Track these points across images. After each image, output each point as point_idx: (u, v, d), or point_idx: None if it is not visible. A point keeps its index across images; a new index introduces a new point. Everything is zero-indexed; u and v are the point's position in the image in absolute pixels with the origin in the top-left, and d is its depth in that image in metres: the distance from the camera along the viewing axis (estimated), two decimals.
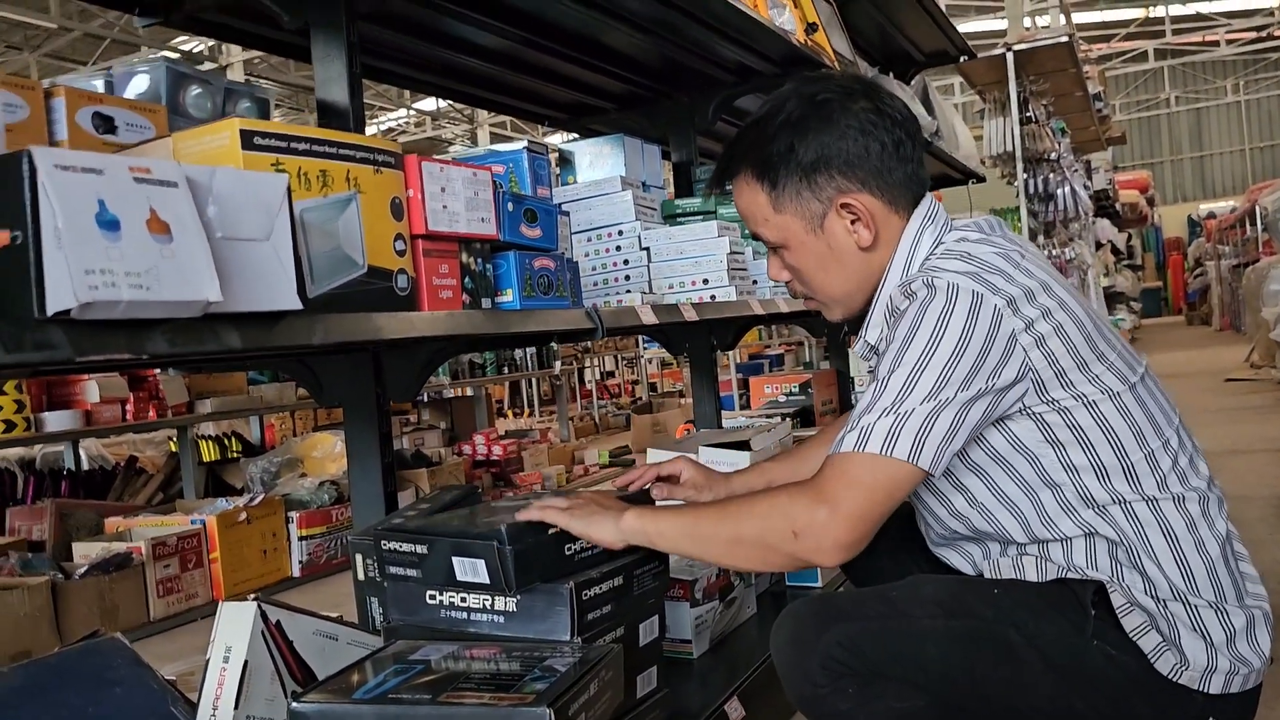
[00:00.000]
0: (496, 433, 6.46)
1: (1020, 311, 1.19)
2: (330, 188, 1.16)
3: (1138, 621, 1.19)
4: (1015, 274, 1.22)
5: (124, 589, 3.41)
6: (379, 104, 18.55)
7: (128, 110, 1.36)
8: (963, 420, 1.17)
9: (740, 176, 1.38)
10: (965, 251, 1.26)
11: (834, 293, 1.38)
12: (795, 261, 1.37)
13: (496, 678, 1.17)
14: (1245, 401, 6.98)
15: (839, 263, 1.35)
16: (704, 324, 2.78)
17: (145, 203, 0.83)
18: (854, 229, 1.33)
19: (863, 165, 1.30)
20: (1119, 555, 1.22)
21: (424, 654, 1.28)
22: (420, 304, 1.31)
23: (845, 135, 1.30)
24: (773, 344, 9.60)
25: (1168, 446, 1.25)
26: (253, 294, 0.95)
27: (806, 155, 1.31)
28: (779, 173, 1.33)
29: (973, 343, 1.16)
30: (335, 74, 1.65)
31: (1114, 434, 1.22)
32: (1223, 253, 15.26)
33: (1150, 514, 1.22)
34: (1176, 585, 1.20)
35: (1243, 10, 20.93)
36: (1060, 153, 7.01)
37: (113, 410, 4.54)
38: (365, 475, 1.73)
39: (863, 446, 1.16)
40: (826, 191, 1.32)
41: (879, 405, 1.17)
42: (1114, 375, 1.23)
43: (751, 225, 1.40)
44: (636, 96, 2.83)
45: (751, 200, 1.37)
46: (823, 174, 1.31)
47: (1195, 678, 1.18)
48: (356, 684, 1.20)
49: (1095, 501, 1.22)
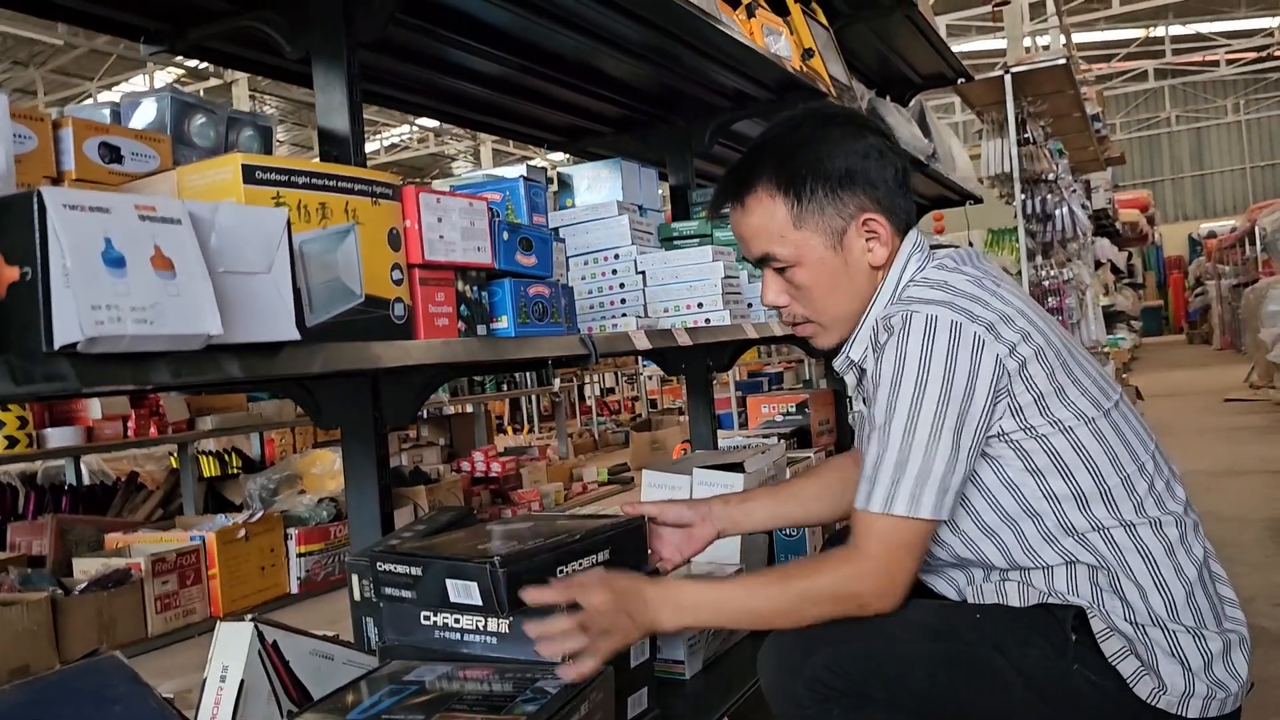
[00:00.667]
0: (495, 449, 6.48)
1: (1001, 336, 1.22)
2: (329, 219, 1.20)
3: (1117, 646, 1.21)
4: (991, 300, 1.26)
5: (123, 605, 3.44)
6: (382, 119, 18.64)
7: (134, 140, 1.40)
8: (965, 457, 1.22)
9: (758, 190, 1.35)
10: (941, 280, 1.30)
11: (839, 312, 1.38)
12: (806, 280, 1.36)
13: (489, 698, 1.20)
14: (1244, 421, 7.00)
15: (850, 281, 1.36)
16: (700, 346, 2.81)
17: (150, 240, 0.86)
18: (870, 247, 1.35)
19: (882, 186, 1.34)
20: (1099, 580, 1.24)
21: (418, 674, 1.31)
22: (417, 332, 1.34)
23: (869, 155, 1.33)
24: (772, 362, 9.63)
25: (1143, 471, 1.27)
26: (253, 326, 0.98)
27: (836, 168, 1.32)
28: (805, 185, 1.32)
29: (958, 375, 1.19)
30: (336, 103, 1.68)
31: (1091, 460, 1.24)
32: (1223, 272, 15.29)
33: (1128, 539, 1.24)
34: (1155, 611, 1.22)
35: (1243, 31, 21.03)
36: (1058, 173, 7.05)
37: (114, 427, 4.58)
38: (362, 497, 1.76)
39: (890, 507, 1.21)
40: (850, 208, 1.33)
41: (890, 459, 1.21)
42: (1088, 400, 1.26)
43: (761, 244, 1.37)
44: (633, 120, 2.87)
45: (768, 215, 1.35)
46: (849, 189, 1.33)
47: (1173, 702, 1.20)
48: (351, 704, 1.22)
49: (1075, 529, 1.25)
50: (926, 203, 5.11)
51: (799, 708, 1.25)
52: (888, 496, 1.21)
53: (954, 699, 1.24)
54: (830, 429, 3.99)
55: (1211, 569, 1.29)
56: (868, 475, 1.24)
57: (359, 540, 1.77)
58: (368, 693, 1.26)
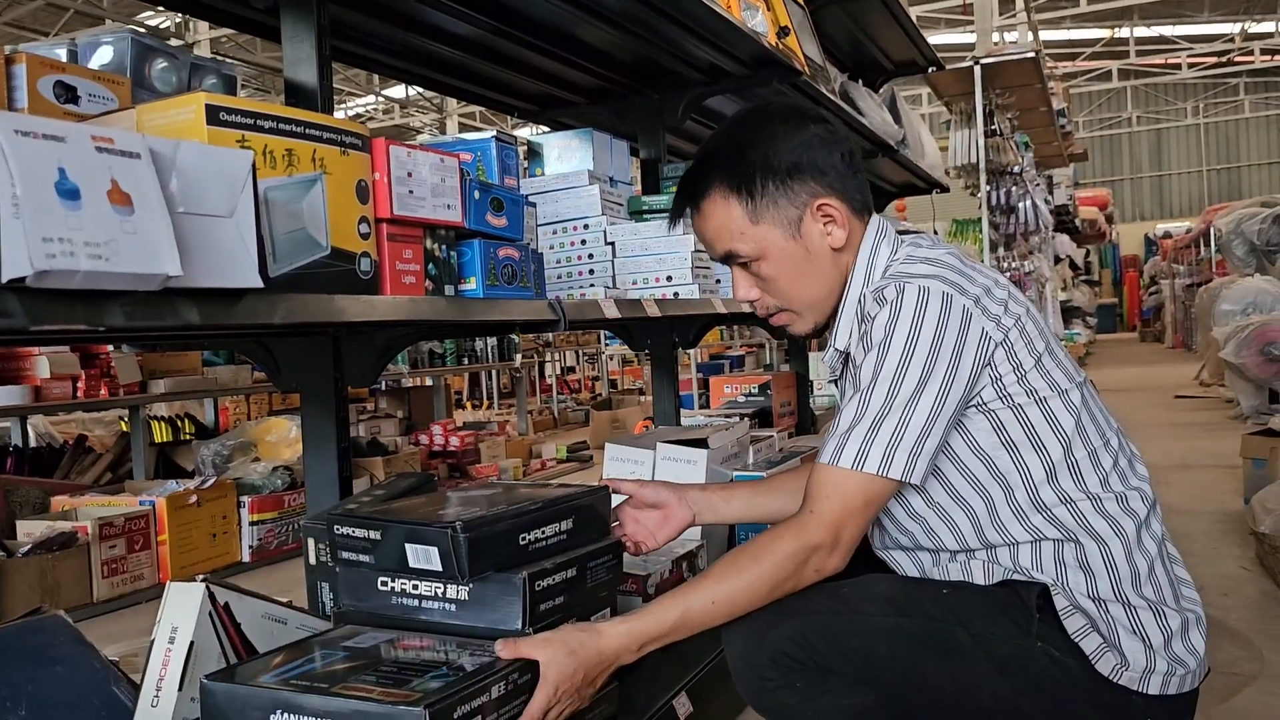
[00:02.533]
0: (454, 424, 6.43)
1: (988, 310, 1.25)
2: (296, 167, 1.16)
3: (1079, 624, 1.22)
4: (976, 275, 1.29)
5: (67, 569, 3.36)
6: (348, 89, 18.37)
7: (91, 81, 1.34)
8: (942, 423, 1.23)
9: (712, 195, 1.39)
10: (927, 257, 1.33)
11: (809, 298, 1.40)
12: (771, 271, 1.39)
13: (402, 671, 1.15)
14: (1194, 418, 7.12)
15: (815, 266, 1.38)
16: (666, 321, 2.79)
17: (107, 173, 0.82)
18: (828, 230, 1.37)
19: (830, 170, 1.37)
20: (1065, 555, 1.25)
21: (358, 641, 1.28)
22: (383, 288, 1.30)
23: (811, 144, 1.37)
24: (734, 345, 9.64)
25: (1108, 446, 1.31)
26: (213, 270, 0.94)
27: (782, 162, 1.35)
28: (755, 182, 1.36)
29: (945, 343, 1.21)
30: (304, 55, 1.64)
31: (1062, 431, 1.26)
32: (1177, 272, 15.55)
33: (1095, 511, 1.26)
34: (1120, 584, 1.24)
35: (1205, 35, 21.34)
36: (1023, 166, 7.11)
37: (63, 387, 4.46)
38: (320, 460, 1.72)
39: (860, 465, 1.22)
40: (802, 196, 1.36)
41: (868, 418, 1.22)
42: (1061, 373, 1.29)
43: (724, 244, 1.40)
44: (607, 91, 2.83)
45: (725, 216, 1.38)
46: (798, 179, 1.36)
47: (1135, 679, 1.21)
48: (274, 666, 1.19)
49: (1044, 504, 1.26)
50: (894, 189, 5.13)
51: (762, 680, 1.25)
52: (859, 453, 1.22)
53: (918, 674, 1.24)
54: (792, 411, 3.99)
55: (1168, 550, 1.31)
56: (839, 433, 1.24)
57: (315, 505, 1.73)
58: (296, 656, 1.23)
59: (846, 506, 1.23)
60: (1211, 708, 2.10)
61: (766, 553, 1.25)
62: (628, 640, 1.26)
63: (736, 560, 1.27)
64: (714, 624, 1.28)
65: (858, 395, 1.24)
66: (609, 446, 2.24)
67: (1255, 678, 2.26)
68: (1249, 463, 4.01)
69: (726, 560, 1.29)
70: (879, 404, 1.22)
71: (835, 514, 1.23)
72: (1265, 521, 3.11)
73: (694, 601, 1.26)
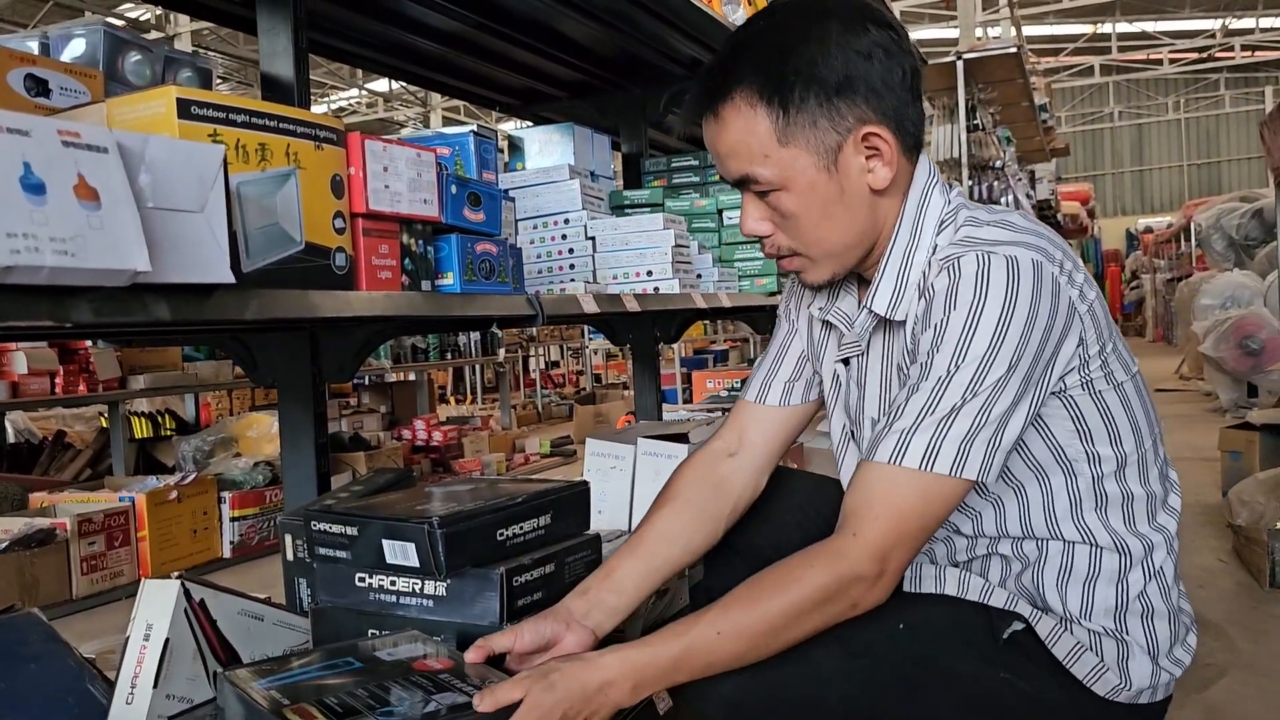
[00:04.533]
0: (437, 418, 6.42)
1: (1073, 279, 1.09)
2: (269, 162, 1.15)
3: (1070, 646, 1.13)
4: (1053, 236, 1.13)
5: (46, 565, 3.33)
6: (330, 83, 18.27)
7: (63, 74, 1.33)
8: (1024, 414, 1.06)
9: (736, 98, 1.11)
10: (1000, 219, 1.13)
11: (832, 245, 1.16)
12: (793, 206, 1.13)
13: (351, 700, 1.07)
14: (1174, 411, 7.17)
15: (846, 208, 1.14)
16: (647, 316, 2.79)
17: (73, 167, 0.81)
18: (870, 166, 1.13)
19: (887, 93, 1.11)
20: (1102, 562, 1.14)
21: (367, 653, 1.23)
22: (358, 283, 1.30)
23: (873, 55, 1.10)
24: (718, 339, 9.64)
25: (1158, 442, 1.20)
26: (184, 265, 0.93)
27: (832, 74, 1.09)
28: (794, 94, 1.09)
29: (1038, 321, 1.04)
30: (280, 48, 1.63)
31: (1136, 421, 1.16)
32: (1158, 266, 15.66)
33: (1145, 512, 1.17)
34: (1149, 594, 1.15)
35: (1186, 31, 21.47)
36: (1005, 161, 7.14)
37: (41, 383, 4.43)
38: (298, 455, 1.71)
39: (930, 464, 1.03)
40: (847, 120, 1.10)
41: (942, 409, 1.04)
42: (1128, 356, 1.17)
43: (740, 164, 1.14)
44: (589, 86, 2.83)
45: (748, 130, 1.11)
46: (847, 98, 1.10)
47: (1134, 695, 1.14)
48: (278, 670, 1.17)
49: (1106, 498, 1.15)
50: None
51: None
52: (929, 449, 1.03)
53: (875, 717, 1.11)
54: None
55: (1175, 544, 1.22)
56: (902, 427, 1.05)
57: (294, 500, 1.73)
58: (298, 664, 1.21)
59: (900, 526, 1.04)
60: (1187, 699, 2.11)
61: (792, 582, 1.05)
62: (619, 672, 1.05)
63: (756, 586, 1.08)
64: (722, 663, 1.06)
65: (925, 383, 1.05)
66: (589, 442, 2.23)
67: (1231, 669, 2.28)
68: (1227, 456, 4.04)
69: (746, 585, 1.08)
70: (957, 393, 1.03)
71: (883, 537, 1.04)
72: (1242, 514, 3.13)
73: (698, 634, 1.06)
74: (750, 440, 1.38)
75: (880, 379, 1.22)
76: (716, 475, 1.37)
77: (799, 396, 1.37)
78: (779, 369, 1.38)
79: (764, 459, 1.38)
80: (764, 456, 1.38)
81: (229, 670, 1.15)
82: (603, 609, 1.27)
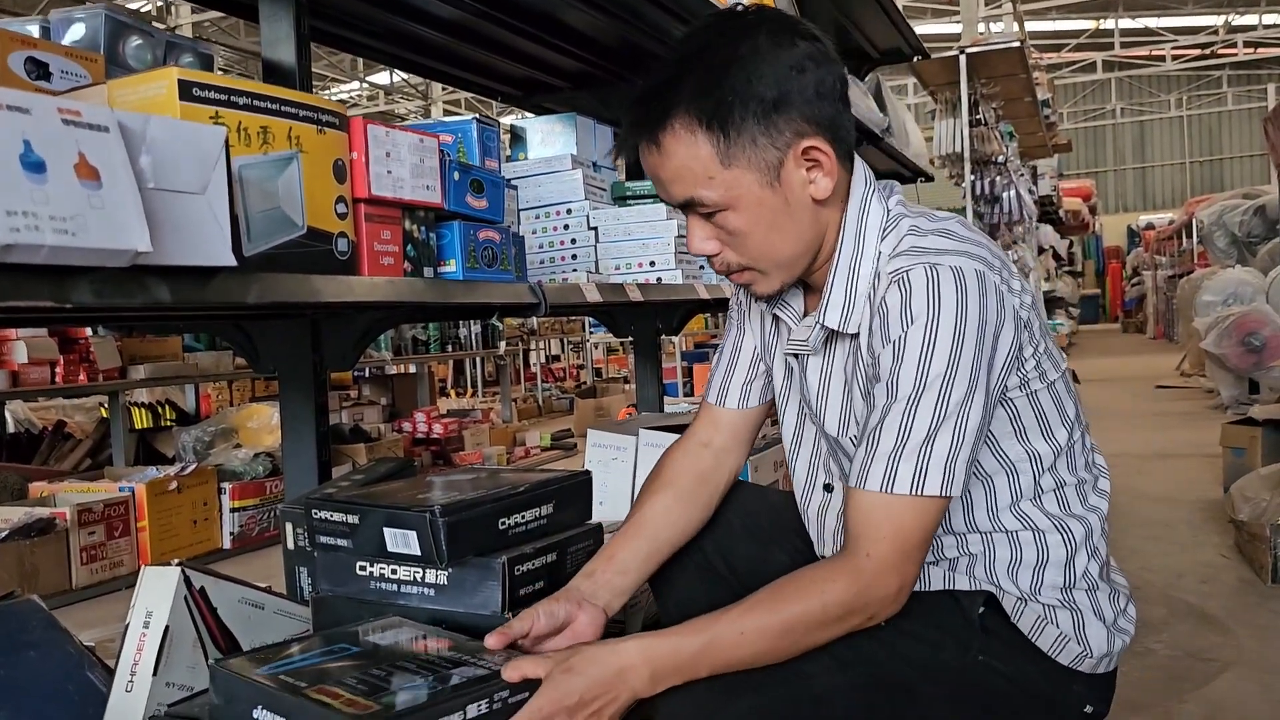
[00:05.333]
0: (438, 411, 6.41)
1: (1011, 286, 1.13)
2: (271, 145, 1.14)
3: (1034, 618, 1.18)
4: (990, 244, 1.16)
5: (45, 554, 3.33)
6: (332, 75, 18.24)
7: (64, 58, 1.32)
8: (988, 423, 1.11)
9: (674, 126, 1.11)
10: (940, 228, 1.15)
11: (781, 256, 1.17)
12: (740, 224, 1.14)
13: (373, 679, 1.08)
14: (1175, 408, 7.17)
15: (792, 220, 1.15)
16: (650, 307, 2.78)
17: (74, 146, 0.81)
18: (812, 178, 1.14)
19: (821, 104, 1.12)
20: (1048, 543, 1.20)
21: (382, 636, 1.22)
22: (360, 269, 1.29)
23: (804, 68, 1.10)
24: (719, 332, 9.63)
25: (1087, 429, 1.26)
26: (185, 248, 0.92)
27: (768, 91, 1.09)
28: (733, 115, 1.09)
29: (987, 333, 1.07)
30: (282, 34, 1.62)
31: (1068, 416, 1.21)
32: (1159, 263, 15.64)
33: (1077, 496, 1.23)
34: (1091, 569, 1.22)
35: (1189, 27, 21.43)
36: (1008, 156, 7.12)
37: (41, 372, 4.42)
38: (299, 444, 1.71)
39: (919, 488, 1.06)
40: (785, 135, 1.11)
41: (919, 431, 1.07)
42: (1059, 355, 1.21)
43: (685, 188, 1.14)
44: (591, 76, 2.81)
45: (690, 156, 1.11)
46: (784, 114, 1.10)
47: (1095, 663, 1.20)
48: (275, 657, 1.16)
49: (1041, 490, 1.21)
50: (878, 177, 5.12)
51: None
52: (916, 474, 1.06)
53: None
54: None
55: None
56: (885, 452, 1.07)
57: (294, 489, 1.72)
58: (300, 649, 1.20)
59: (905, 545, 1.07)
60: (1189, 694, 2.11)
61: (814, 594, 1.08)
62: (640, 659, 1.07)
63: (779, 592, 1.10)
64: (740, 662, 1.09)
65: (895, 405, 1.08)
66: (591, 433, 2.23)
67: (1233, 664, 2.28)
68: (1229, 452, 4.04)
69: (769, 591, 1.11)
70: (929, 414, 1.06)
71: (893, 554, 1.07)
72: (1244, 510, 3.13)
73: (722, 630, 1.08)
74: (721, 435, 1.43)
75: (841, 375, 1.24)
76: (701, 464, 1.42)
77: (756, 398, 1.42)
78: (734, 372, 1.43)
79: (737, 449, 1.44)
80: (737, 447, 1.44)
81: (221, 662, 1.13)
82: (610, 589, 1.30)
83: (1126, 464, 4.91)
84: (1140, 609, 1.32)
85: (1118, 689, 1.28)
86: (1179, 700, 2.08)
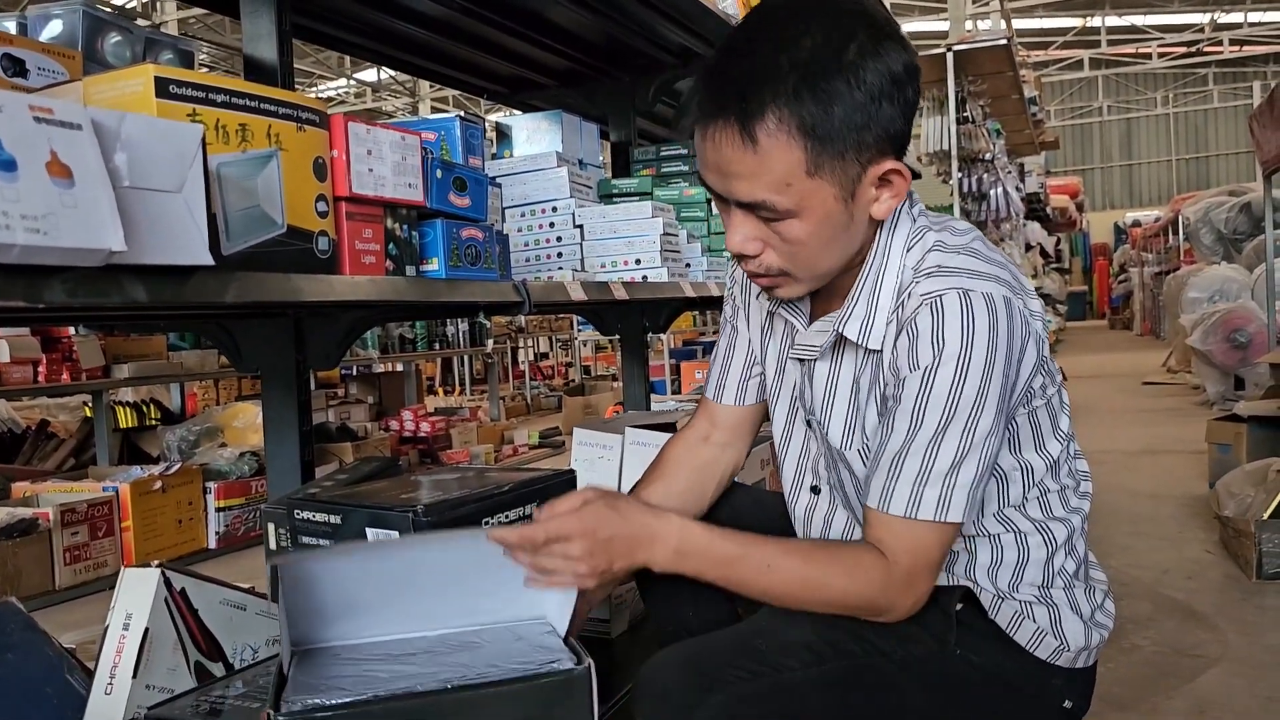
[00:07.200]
0: (425, 409, 6.39)
1: (1030, 308, 1.12)
2: (250, 143, 1.13)
3: (1011, 612, 1.19)
4: (1009, 263, 1.16)
5: (28, 555, 3.31)
6: (319, 72, 18.17)
7: (40, 54, 1.30)
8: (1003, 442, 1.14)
9: (770, 123, 1.02)
10: (966, 246, 1.13)
11: (824, 268, 1.14)
12: (800, 234, 1.08)
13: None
14: (1161, 404, 7.20)
15: (849, 235, 1.11)
16: (636, 305, 2.77)
17: (46, 144, 0.79)
18: (879, 196, 1.09)
19: (904, 125, 1.08)
20: (1029, 544, 1.21)
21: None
22: (341, 268, 1.27)
23: (901, 84, 1.05)
24: (707, 331, 9.64)
25: (1073, 435, 1.26)
26: (161, 247, 0.91)
27: (870, 107, 1.03)
28: (832, 127, 1.02)
29: (1012, 360, 1.07)
30: (264, 30, 1.60)
31: (1059, 428, 1.21)
32: (1146, 260, 15.71)
33: (1059, 501, 1.23)
34: (1069, 568, 1.23)
35: (1175, 25, 21.53)
36: (995, 154, 7.14)
37: (23, 371, 4.39)
38: (282, 443, 1.70)
39: (943, 514, 1.08)
40: (870, 154, 1.05)
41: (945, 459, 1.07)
42: (1052, 371, 1.21)
43: (756, 188, 1.06)
44: (578, 74, 2.81)
45: (778, 157, 1.03)
46: (873, 133, 1.04)
47: (1072, 658, 1.20)
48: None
49: (1026, 498, 1.21)
50: None
51: None
52: (940, 501, 1.08)
53: (849, 718, 1.15)
54: None
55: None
56: (910, 479, 1.08)
57: (278, 489, 1.71)
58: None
59: (926, 563, 1.11)
60: (1176, 690, 2.11)
61: (845, 572, 1.11)
62: (677, 534, 1.11)
63: (818, 552, 1.16)
64: (753, 590, 1.13)
65: (922, 432, 1.07)
66: (577, 432, 2.22)
67: (1219, 660, 2.29)
68: (1214, 448, 4.06)
69: (811, 543, 1.19)
70: (955, 444, 1.06)
71: (914, 570, 1.10)
72: (1229, 506, 3.14)
73: (754, 554, 1.12)
74: (720, 429, 1.43)
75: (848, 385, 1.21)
76: (699, 457, 1.42)
77: (754, 394, 1.41)
78: (730, 368, 1.42)
79: (737, 444, 1.44)
80: (737, 441, 1.44)
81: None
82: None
83: (1113, 460, 4.93)
84: (1127, 605, 1.32)
85: (1104, 685, 1.28)
86: (1166, 696, 2.09)
